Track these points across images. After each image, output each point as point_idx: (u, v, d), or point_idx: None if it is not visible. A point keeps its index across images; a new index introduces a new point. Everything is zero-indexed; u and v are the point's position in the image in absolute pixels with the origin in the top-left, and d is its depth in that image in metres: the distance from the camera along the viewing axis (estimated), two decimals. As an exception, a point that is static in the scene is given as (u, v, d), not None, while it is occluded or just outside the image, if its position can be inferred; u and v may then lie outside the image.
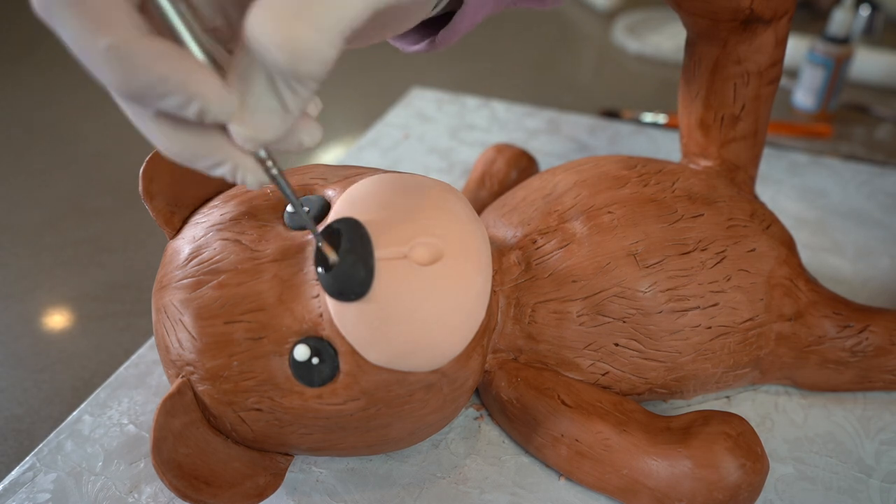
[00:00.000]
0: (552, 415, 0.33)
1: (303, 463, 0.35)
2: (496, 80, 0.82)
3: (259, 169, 0.23)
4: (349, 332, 0.27)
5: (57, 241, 0.54)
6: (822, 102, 0.69)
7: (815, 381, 0.38)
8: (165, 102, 0.20)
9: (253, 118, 0.22)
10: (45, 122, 0.71)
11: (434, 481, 0.34)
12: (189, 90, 0.20)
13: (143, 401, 0.38)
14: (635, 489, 0.31)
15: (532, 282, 0.35)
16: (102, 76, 0.20)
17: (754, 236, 0.36)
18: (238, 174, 0.23)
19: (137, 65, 0.19)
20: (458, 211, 0.29)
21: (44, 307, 0.47)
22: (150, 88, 0.19)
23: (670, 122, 0.68)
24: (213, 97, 0.20)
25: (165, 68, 0.19)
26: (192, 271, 0.29)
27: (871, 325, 0.36)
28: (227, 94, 0.21)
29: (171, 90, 0.20)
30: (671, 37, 0.90)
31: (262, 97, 0.21)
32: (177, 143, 0.22)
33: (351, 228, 0.27)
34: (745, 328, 0.35)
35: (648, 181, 0.37)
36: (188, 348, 0.29)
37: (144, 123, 0.22)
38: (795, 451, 0.36)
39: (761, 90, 0.38)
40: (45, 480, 0.34)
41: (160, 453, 0.27)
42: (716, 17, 0.35)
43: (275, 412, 0.29)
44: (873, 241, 0.50)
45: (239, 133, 0.22)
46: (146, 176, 0.32)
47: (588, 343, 0.34)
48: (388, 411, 0.29)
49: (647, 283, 0.34)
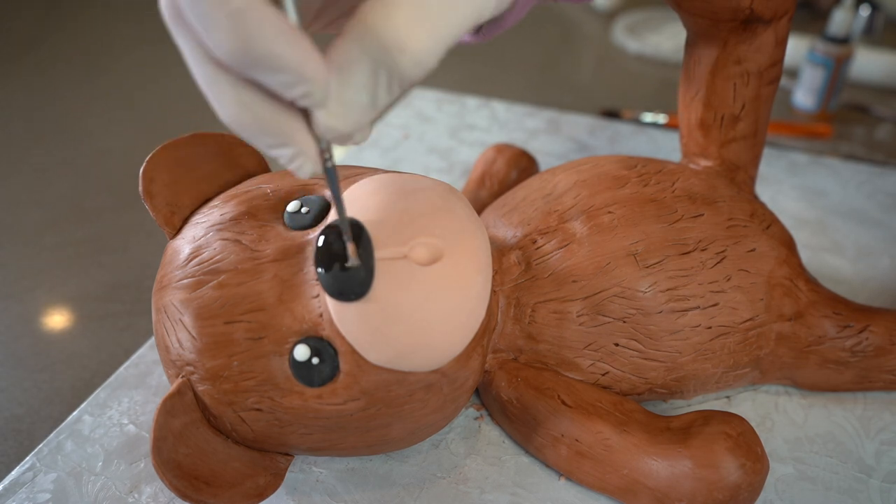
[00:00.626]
0: (552, 415, 0.33)
1: (303, 463, 0.35)
2: (496, 80, 0.82)
3: (318, 159, 0.23)
4: (349, 332, 0.27)
5: (57, 241, 0.54)
6: (822, 102, 0.69)
7: (815, 381, 0.38)
8: (274, 77, 0.20)
9: (342, 109, 0.22)
10: (45, 121, 0.71)
11: (434, 481, 0.34)
12: (302, 72, 0.20)
13: (143, 401, 0.38)
14: (635, 489, 0.31)
15: (532, 282, 0.35)
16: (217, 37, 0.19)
17: (754, 236, 0.36)
18: (298, 160, 0.23)
19: (260, 34, 0.19)
20: (458, 211, 0.29)
21: (44, 307, 0.47)
22: (265, 60, 0.19)
23: (670, 122, 0.68)
24: (320, 83, 0.20)
25: (286, 45, 0.19)
26: (192, 271, 0.29)
27: (871, 325, 0.36)
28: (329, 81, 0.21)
29: (286, 67, 0.19)
30: (671, 37, 0.90)
31: (359, 92, 0.21)
32: (249, 115, 0.21)
33: (351, 228, 0.27)
34: (745, 328, 0.35)
35: (648, 181, 0.37)
36: (188, 348, 0.29)
37: (219, 87, 0.21)
38: (795, 451, 0.36)
39: (761, 90, 0.38)
40: (45, 480, 0.34)
41: (160, 453, 0.27)
42: (716, 17, 0.35)
43: (275, 412, 0.29)
44: (873, 241, 0.50)
45: (324, 122, 0.22)
46: (146, 176, 0.32)
47: (588, 343, 0.34)
48: (388, 411, 0.29)
49: (647, 283, 0.34)
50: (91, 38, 0.92)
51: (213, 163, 0.34)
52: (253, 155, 0.35)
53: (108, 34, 0.93)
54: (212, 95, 0.22)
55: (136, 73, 0.82)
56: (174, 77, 0.80)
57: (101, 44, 0.90)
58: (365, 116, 0.22)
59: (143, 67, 0.84)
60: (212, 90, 0.21)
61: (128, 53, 0.87)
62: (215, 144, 0.34)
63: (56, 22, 0.96)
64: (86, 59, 0.86)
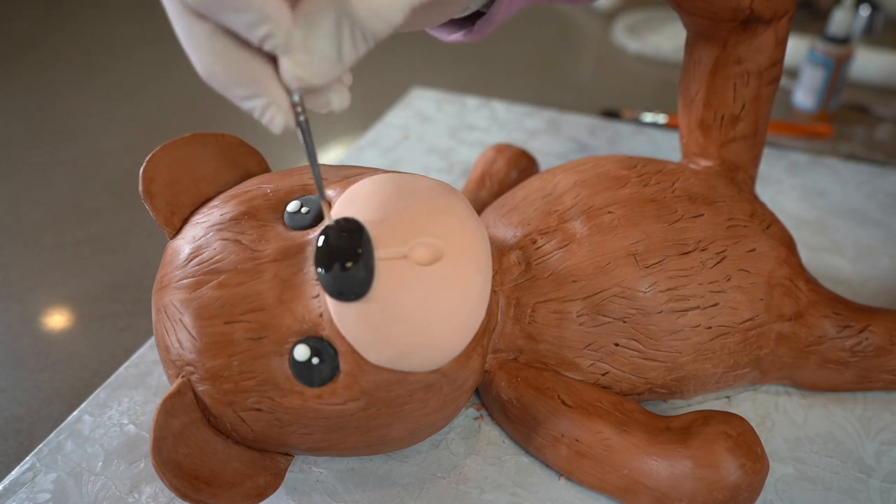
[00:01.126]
0: (552, 415, 0.33)
1: (303, 463, 0.35)
2: (496, 80, 0.82)
3: (290, 112, 0.24)
4: (349, 332, 0.27)
5: (57, 241, 0.54)
6: (822, 102, 0.69)
7: (815, 381, 0.38)
8: (236, 18, 0.21)
9: (308, 58, 0.22)
10: (45, 121, 0.71)
11: (434, 481, 0.34)
12: (264, 11, 0.21)
13: (143, 401, 0.38)
14: (635, 489, 0.31)
15: (532, 282, 0.35)
16: None
17: (754, 236, 0.36)
18: (269, 111, 0.23)
19: None
20: (459, 211, 0.29)
21: (44, 307, 0.47)
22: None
23: (670, 122, 0.68)
24: (283, 25, 0.21)
25: None
26: (192, 271, 0.29)
27: (871, 325, 0.36)
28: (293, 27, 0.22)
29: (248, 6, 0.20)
30: (671, 37, 0.90)
31: (323, 41, 0.22)
32: (221, 63, 0.22)
33: (351, 228, 0.27)
34: (745, 328, 0.35)
35: (648, 181, 0.37)
36: (188, 348, 0.29)
37: (195, 38, 0.22)
38: (795, 451, 0.36)
39: (761, 90, 0.38)
40: (45, 480, 0.34)
41: (160, 453, 0.27)
42: (716, 17, 0.35)
43: (275, 412, 0.29)
44: (873, 241, 0.50)
45: (290, 69, 0.22)
46: (146, 176, 0.32)
47: (588, 343, 0.34)
48: (388, 411, 0.29)
49: (647, 283, 0.34)
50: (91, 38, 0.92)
51: (213, 163, 0.34)
52: (253, 155, 0.35)
53: (108, 34, 0.93)
54: (189, 47, 0.22)
55: (136, 73, 0.82)
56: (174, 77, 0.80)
57: (101, 44, 0.90)
58: (331, 68, 0.23)
59: (143, 67, 0.84)
60: (189, 41, 0.22)
61: (128, 53, 0.87)
62: (215, 144, 0.34)
63: (56, 22, 0.96)
64: (86, 59, 0.86)
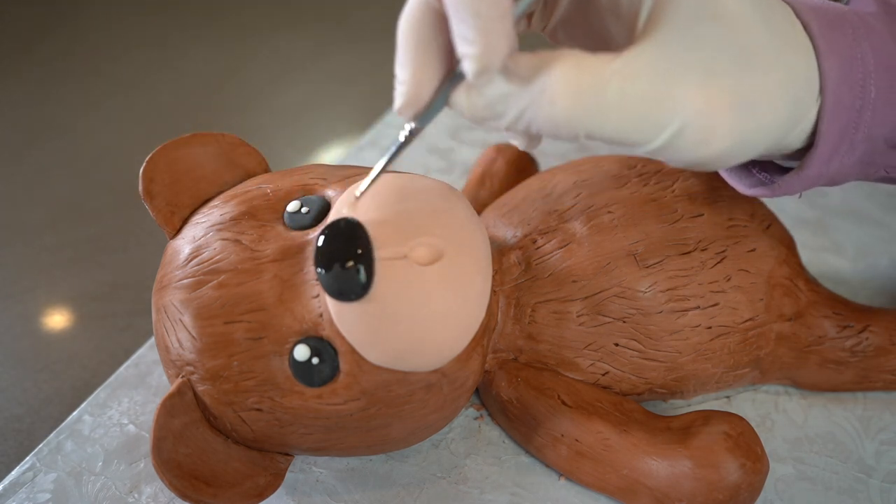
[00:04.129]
0: (552, 415, 0.33)
1: (303, 463, 0.35)
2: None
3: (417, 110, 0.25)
4: (349, 332, 0.27)
5: (57, 241, 0.54)
6: (822, 102, 0.69)
7: (815, 381, 0.38)
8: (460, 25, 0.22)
9: (478, 102, 0.24)
10: (45, 121, 0.71)
11: (434, 481, 0.34)
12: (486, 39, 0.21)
13: (143, 401, 0.38)
14: (635, 489, 0.31)
15: (532, 282, 0.35)
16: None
17: (754, 236, 0.36)
18: (403, 95, 0.24)
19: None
20: (458, 211, 0.29)
21: (44, 307, 0.47)
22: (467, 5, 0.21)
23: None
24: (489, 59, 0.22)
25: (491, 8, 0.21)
26: (192, 271, 0.29)
27: (871, 325, 0.36)
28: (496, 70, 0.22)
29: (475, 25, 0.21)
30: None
31: (502, 100, 0.24)
32: (413, 32, 0.24)
33: (351, 228, 0.27)
34: (745, 328, 0.35)
35: (648, 181, 0.37)
36: (188, 348, 0.29)
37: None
38: (795, 451, 0.36)
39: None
40: (45, 480, 0.34)
41: (160, 453, 0.27)
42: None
43: (275, 412, 0.29)
44: (873, 241, 0.50)
45: (458, 94, 0.24)
46: (146, 176, 0.32)
47: (588, 343, 0.34)
48: (389, 411, 0.29)
49: (647, 283, 0.34)
50: (91, 38, 0.92)
51: (213, 163, 0.34)
52: (253, 155, 0.35)
53: (108, 34, 0.93)
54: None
55: (137, 72, 0.82)
56: (174, 77, 0.80)
57: (101, 44, 0.90)
58: (488, 116, 0.24)
59: (143, 67, 0.84)
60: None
61: (128, 53, 0.87)
62: (215, 144, 0.34)
63: (56, 22, 0.96)
64: (86, 58, 0.86)
